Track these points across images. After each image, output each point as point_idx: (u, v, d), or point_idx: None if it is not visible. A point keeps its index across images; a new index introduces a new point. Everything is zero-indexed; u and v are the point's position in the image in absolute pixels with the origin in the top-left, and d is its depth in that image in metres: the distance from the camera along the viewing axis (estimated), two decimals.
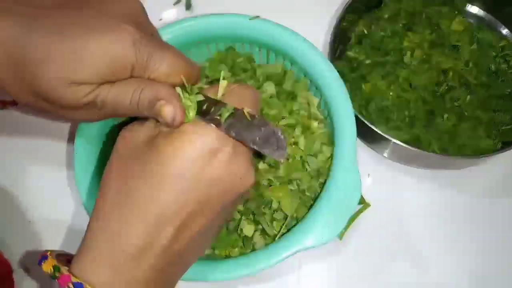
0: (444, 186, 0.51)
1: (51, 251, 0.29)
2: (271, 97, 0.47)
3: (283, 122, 0.46)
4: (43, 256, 0.28)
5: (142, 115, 0.29)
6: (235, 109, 0.29)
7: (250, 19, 0.46)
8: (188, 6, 0.60)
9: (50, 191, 0.51)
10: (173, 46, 0.31)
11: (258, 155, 0.43)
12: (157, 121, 0.29)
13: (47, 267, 0.27)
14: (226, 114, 0.28)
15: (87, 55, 0.26)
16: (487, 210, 0.50)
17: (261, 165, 0.44)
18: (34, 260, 0.48)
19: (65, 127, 0.54)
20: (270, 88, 0.48)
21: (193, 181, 0.27)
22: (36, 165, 0.53)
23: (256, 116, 0.29)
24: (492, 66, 0.52)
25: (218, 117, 0.28)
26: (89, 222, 0.29)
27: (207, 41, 0.49)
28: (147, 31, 0.29)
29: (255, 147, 0.28)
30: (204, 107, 0.29)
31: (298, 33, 0.46)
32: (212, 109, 0.29)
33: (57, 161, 0.52)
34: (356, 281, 0.47)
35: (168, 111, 0.27)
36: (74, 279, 0.26)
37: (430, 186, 0.51)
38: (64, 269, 0.27)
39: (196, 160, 0.27)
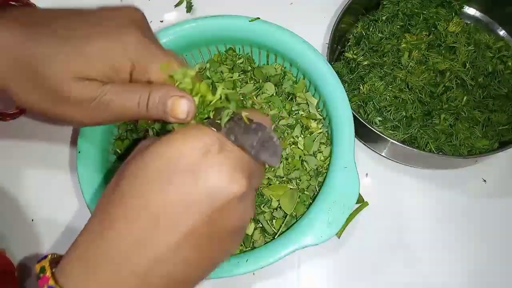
0: (442, 186, 0.52)
1: (56, 254, 0.29)
2: (271, 96, 0.48)
3: (282, 122, 0.47)
4: (43, 257, 0.28)
5: (149, 118, 0.30)
6: (234, 113, 0.29)
7: (250, 21, 0.46)
8: (189, 8, 0.61)
9: (53, 192, 0.52)
10: (171, 51, 0.32)
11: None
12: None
13: (38, 267, 0.27)
14: (226, 119, 0.29)
15: (91, 53, 0.28)
16: (484, 210, 0.51)
17: None
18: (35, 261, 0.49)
19: (68, 131, 0.55)
20: (270, 88, 0.48)
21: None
22: (39, 167, 0.53)
23: (254, 120, 0.29)
24: (489, 67, 0.52)
25: (218, 121, 0.29)
26: (87, 223, 0.28)
27: (208, 42, 0.49)
28: (149, 36, 0.30)
29: (252, 152, 0.28)
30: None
31: (297, 35, 0.46)
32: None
33: (60, 163, 0.53)
34: (354, 279, 0.48)
35: (182, 104, 0.28)
36: (51, 283, 0.25)
37: (428, 186, 0.52)
38: (48, 272, 0.26)
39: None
